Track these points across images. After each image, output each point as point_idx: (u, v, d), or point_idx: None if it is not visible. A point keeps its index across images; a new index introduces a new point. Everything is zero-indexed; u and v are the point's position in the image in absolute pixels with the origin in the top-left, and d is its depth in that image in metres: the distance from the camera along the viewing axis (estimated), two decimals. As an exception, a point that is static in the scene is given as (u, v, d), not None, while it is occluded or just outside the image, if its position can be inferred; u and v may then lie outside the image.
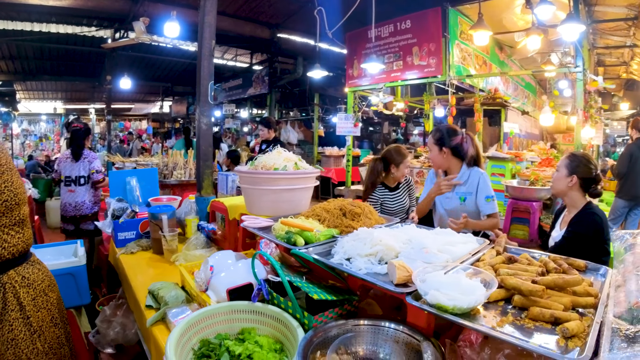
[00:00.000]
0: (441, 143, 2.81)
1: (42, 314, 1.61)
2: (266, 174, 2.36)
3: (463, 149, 2.81)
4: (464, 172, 2.82)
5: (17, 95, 16.06)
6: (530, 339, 0.98)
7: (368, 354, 1.23)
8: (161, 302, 1.85)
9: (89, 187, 4.56)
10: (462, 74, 5.94)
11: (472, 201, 2.78)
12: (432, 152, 2.87)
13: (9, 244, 1.51)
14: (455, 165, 2.85)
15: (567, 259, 1.47)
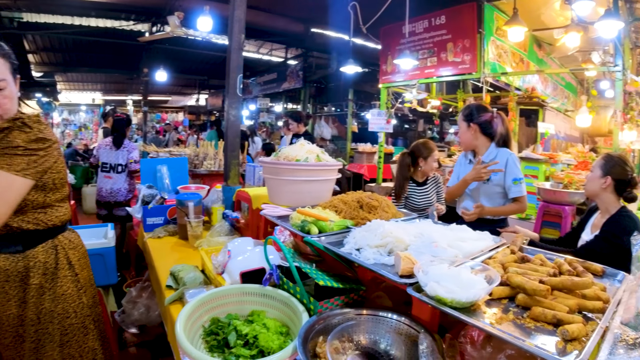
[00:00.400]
0: (469, 119, 2.77)
1: (85, 273, 1.81)
2: (287, 165, 2.39)
3: (492, 126, 2.75)
4: (492, 151, 2.75)
5: (58, 86, 16.80)
6: (527, 339, 0.96)
7: (369, 343, 1.24)
8: (180, 283, 1.93)
9: (125, 175, 4.73)
10: (497, 71, 5.81)
11: (497, 181, 2.70)
12: (460, 128, 2.84)
13: (60, 213, 1.69)
14: (484, 144, 2.79)
15: (584, 262, 1.42)
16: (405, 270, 1.22)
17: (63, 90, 18.49)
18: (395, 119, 13.72)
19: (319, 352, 1.16)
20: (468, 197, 2.86)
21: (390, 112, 7.49)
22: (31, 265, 1.60)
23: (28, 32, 9.71)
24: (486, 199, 2.72)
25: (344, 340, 1.23)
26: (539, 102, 6.86)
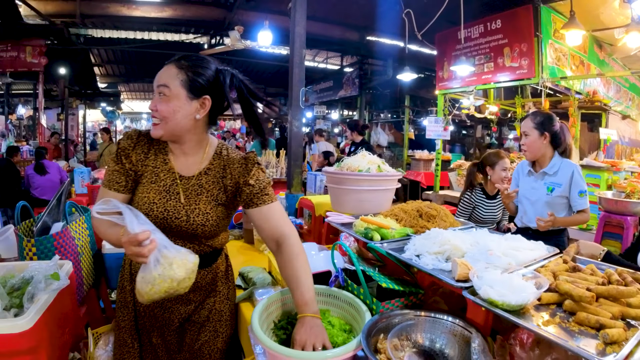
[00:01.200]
0: (543, 127, 2.72)
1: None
2: (350, 175, 2.58)
3: (561, 137, 2.74)
4: (556, 162, 2.73)
5: (121, 95, 18.01)
6: (570, 340, 1.06)
7: (426, 342, 1.38)
8: (249, 283, 2.14)
9: None
10: (556, 75, 5.67)
11: (560, 193, 2.69)
12: (530, 136, 2.75)
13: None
14: (549, 154, 2.77)
15: (635, 273, 1.48)
16: (461, 276, 1.36)
17: (126, 100, 19.79)
18: (453, 126, 13.57)
19: (379, 347, 1.32)
20: (530, 208, 2.86)
21: (448, 119, 7.49)
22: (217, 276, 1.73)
23: (94, 46, 10.55)
24: (549, 210, 2.73)
25: (402, 338, 1.39)
26: (601, 106, 6.58)
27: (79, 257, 2.33)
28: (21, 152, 8.07)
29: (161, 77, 1.48)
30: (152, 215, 1.48)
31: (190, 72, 1.47)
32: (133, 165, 1.53)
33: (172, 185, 1.53)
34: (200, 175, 1.56)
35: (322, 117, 17.05)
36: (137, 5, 8.24)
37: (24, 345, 1.44)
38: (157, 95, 1.47)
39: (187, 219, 1.51)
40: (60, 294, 1.71)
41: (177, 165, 1.56)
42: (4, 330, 1.40)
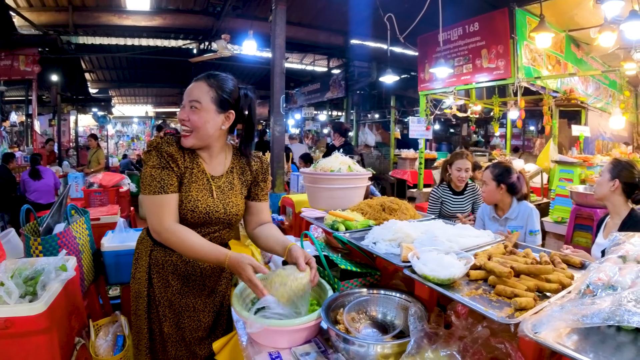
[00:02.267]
0: (500, 179, 2.97)
1: None
2: (323, 175, 2.77)
3: (517, 186, 3.00)
4: (514, 208, 3.01)
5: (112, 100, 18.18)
6: (485, 307, 1.24)
7: (378, 315, 1.60)
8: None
9: None
10: (531, 75, 5.90)
11: (522, 234, 2.95)
12: (488, 186, 3.02)
13: None
14: (508, 201, 3.03)
15: (565, 255, 1.67)
16: (405, 257, 1.56)
17: (117, 104, 19.92)
18: (439, 124, 13.82)
19: (339, 319, 1.53)
20: None
21: (430, 119, 7.71)
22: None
23: (85, 53, 10.73)
24: None
25: (359, 312, 1.60)
26: (579, 103, 6.82)
27: (80, 254, 2.55)
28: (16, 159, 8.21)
29: (193, 92, 1.69)
30: (197, 210, 1.72)
31: (220, 90, 1.71)
32: (179, 168, 1.71)
33: (207, 184, 1.77)
34: (227, 174, 1.83)
35: (311, 118, 17.25)
36: (128, 15, 8.49)
37: (39, 325, 1.66)
38: (189, 107, 1.68)
39: (225, 211, 1.78)
40: (68, 284, 1.94)
41: (207, 167, 1.79)
42: (22, 313, 1.63)
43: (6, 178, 6.56)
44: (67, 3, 8.18)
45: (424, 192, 7.54)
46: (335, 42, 9.63)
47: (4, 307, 1.63)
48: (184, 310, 1.84)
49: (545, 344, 0.99)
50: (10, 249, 2.41)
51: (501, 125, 10.62)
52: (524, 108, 6.14)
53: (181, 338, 1.85)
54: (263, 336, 1.52)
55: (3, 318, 1.61)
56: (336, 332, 1.37)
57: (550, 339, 1.00)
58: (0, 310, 1.62)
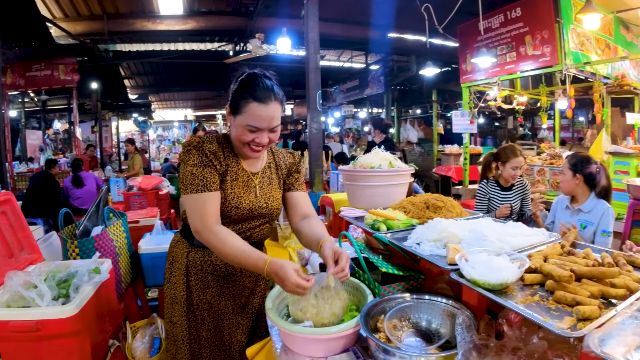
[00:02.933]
0: (575, 169, 2.88)
1: None
2: (362, 172, 2.69)
3: (595, 178, 2.86)
4: (590, 202, 2.87)
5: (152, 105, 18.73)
6: (543, 316, 1.11)
7: (422, 322, 1.49)
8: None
9: None
10: (580, 61, 5.51)
11: (591, 231, 2.82)
12: (565, 175, 2.95)
13: None
14: (584, 193, 2.91)
15: (630, 256, 1.51)
16: (451, 259, 1.45)
17: (157, 109, 20.51)
18: (483, 118, 13.37)
19: (379, 327, 1.43)
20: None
21: (474, 112, 7.43)
22: None
23: (122, 60, 11.06)
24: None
25: (402, 319, 1.50)
26: (631, 89, 6.33)
27: (117, 257, 2.58)
28: (59, 164, 8.58)
29: (274, 118, 1.63)
30: (241, 207, 1.72)
31: (284, 102, 1.71)
32: (221, 165, 1.69)
33: (248, 180, 1.77)
34: (265, 170, 1.84)
35: (351, 116, 17.12)
36: (161, 20, 8.65)
37: (71, 328, 1.68)
38: (269, 132, 1.64)
39: (267, 205, 1.79)
40: (102, 287, 1.96)
41: (245, 165, 1.78)
42: (54, 315, 1.65)
43: (50, 183, 6.82)
44: (102, 12, 8.43)
45: (470, 189, 7.28)
46: (372, 36, 9.42)
47: (36, 309, 1.66)
48: (223, 312, 1.81)
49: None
50: (50, 252, 2.48)
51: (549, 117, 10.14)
52: (573, 97, 5.78)
53: (220, 342, 1.82)
54: (298, 344, 1.46)
55: (34, 320, 1.63)
56: (375, 342, 1.28)
57: (620, 355, 0.87)
58: (32, 313, 1.65)
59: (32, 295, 1.67)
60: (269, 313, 1.51)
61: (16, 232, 2.12)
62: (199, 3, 8.50)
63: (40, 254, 2.24)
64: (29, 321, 1.63)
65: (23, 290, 1.69)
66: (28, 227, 2.22)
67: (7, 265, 1.93)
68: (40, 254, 2.23)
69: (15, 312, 1.66)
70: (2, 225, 2.03)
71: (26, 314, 1.64)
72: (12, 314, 1.65)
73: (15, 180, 8.84)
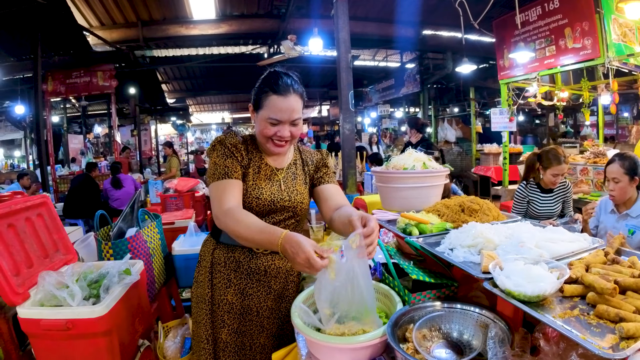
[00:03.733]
0: (634, 172, 2.60)
1: None
2: (395, 173, 2.63)
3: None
4: (638, 205, 2.64)
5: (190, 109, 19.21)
6: (583, 333, 1.03)
7: (454, 333, 1.42)
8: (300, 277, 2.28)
9: None
10: (623, 53, 5.21)
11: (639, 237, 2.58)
12: (621, 182, 2.64)
13: None
14: (634, 195, 2.68)
15: None
16: (486, 268, 1.38)
17: (194, 112, 20.97)
18: (523, 115, 12.94)
19: (408, 337, 1.38)
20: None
21: (513, 109, 7.19)
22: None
23: (159, 65, 11.38)
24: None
25: (432, 329, 1.44)
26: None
27: (151, 258, 2.63)
28: (99, 167, 8.91)
29: (295, 110, 1.67)
30: (262, 198, 1.73)
31: (304, 94, 1.73)
32: (243, 158, 1.75)
33: (272, 175, 1.79)
34: (290, 166, 1.86)
35: (388, 116, 16.95)
36: (195, 25, 8.84)
37: (100, 328, 1.72)
38: (291, 125, 1.68)
39: (289, 198, 1.79)
40: (132, 288, 2.00)
41: (270, 162, 1.81)
42: (84, 315, 1.70)
43: (90, 186, 7.06)
44: (136, 19, 8.69)
45: (510, 189, 7.04)
46: (406, 34, 9.27)
47: (67, 309, 1.71)
48: (246, 313, 1.80)
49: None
50: (88, 253, 2.56)
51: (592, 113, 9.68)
52: (617, 91, 5.49)
53: (241, 346, 1.80)
54: (322, 352, 1.43)
55: (65, 319, 1.68)
56: (402, 354, 1.23)
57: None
58: (63, 312, 1.70)
59: (64, 294, 1.73)
60: (294, 319, 1.49)
61: (52, 234, 2.19)
62: (231, 7, 8.62)
63: (75, 255, 2.30)
64: (59, 320, 1.68)
65: (55, 290, 1.75)
66: (63, 229, 2.29)
67: (42, 265, 1.99)
68: (75, 255, 2.29)
69: (47, 310, 1.72)
70: (38, 227, 2.10)
71: (57, 313, 1.70)
72: (44, 313, 1.71)
73: (57, 182, 9.26)
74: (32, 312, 1.72)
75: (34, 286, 1.84)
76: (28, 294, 1.79)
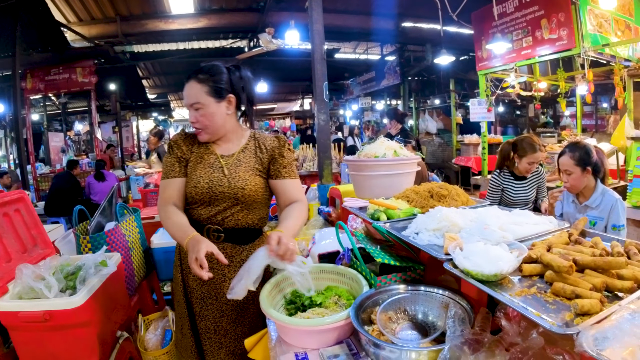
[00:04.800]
0: (584, 163, 2.56)
1: None
2: (367, 162, 2.62)
3: (599, 165, 2.61)
4: (597, 196, 2.60)
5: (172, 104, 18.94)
6: (539, 310, 1.03)
7: (419, 315, 1.42)
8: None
9: None
10: (599, 43, 5.29)
11: (602, 228, 2.57)
12: (573, 174, 2.60)
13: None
14: (591, 184, 2.64)
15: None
16: (447, 249, 1.38)
17: (176, 108, 20.72)
18: (503, 106, 13.05)
19: (373, 319, 1.38)
20: None
21: (491, 99, 7.25)
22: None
23: (139, 61, 11.13)
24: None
25: (397, 311, 1.43)
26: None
27: (130, 251, 2.63)
28: (80, 165, 8.75)
29: (190, 95, 1.76)
30: (199, 186, 1.77)
31: (212, 81, 1.76)
32: (183, 153, 1.84)
33: (215, 162, 1.83)
34: (238, 153, 1.87)
35: (370, 108, 16.96)
36: (174, 19, 8.71)
37: (78, 319, 1.74)
38: (193, 110, 1.77)
39: (229, 184, 1.78)
40: (110, 279, 2.01)
41: (218, 149, 1.86)
42: (61, 306, 1.70)
43: (71, 183, 6.96)
44: (115, 14, 8.51)
45: (490, 178, 7.08)
46: (386, 26, 9.26)
47: (44, 300, 1.71)
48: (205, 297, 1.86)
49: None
50: (68, 250, 2.52)
51: (570, 104, 9.79)
52: (592, 81, 5.56)
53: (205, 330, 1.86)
54: (291, 335, 1.44)
55: (42, 311, 1.69)
56: (365, 336, 1.22)
57: (619, 357, 0.78)
58: (40, 304, 1.70)
59: (41, 286, 1.74)
60: (263, 304, 1.50)
61: (30, 229, 2.19)
62: (210, 1, 8.52)
63: (53, 249, 2.30)
64: (37, 312, 1.69)
65: (33, 282, 1.75)
66: (41, 224, 2.27)
67: (21, 260, 1.98)
68: (53, 250, 2.29)
69: (25, 303, 1.72)
70: (16, 223, 2.10)
71: (35, 305, 1.70)
72: (22, 305, 1.71)
73: (38, 181, 9.06)
74: (10, 305, 1.72)
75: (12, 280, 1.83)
76: (7, 288, 1.80)
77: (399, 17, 9.16)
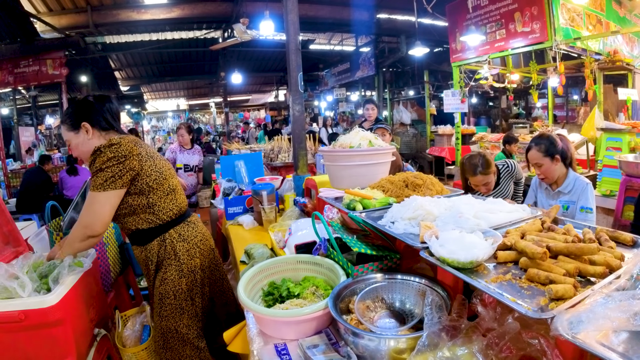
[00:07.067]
0: (551, 152, 2.62)
1: (193, 262, 2.07)
2: (341, 152, 2.59)
3: (565, 151, 2.65)
4: (569, 181, 2.67)
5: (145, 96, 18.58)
6: (514, 296, 1.04)
7: (396, 303, 1.43)
8: (251, 258, 2.26)
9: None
10: (570, 37, 5.42)
11: (574, 211, 2.64)
12: (544, 165, 2.65)
13: (167, 209, 2.02)
14: (563, 171, 2.69)
15: (614, 232, 1.43)
16: (423, 237, 1.38)
17: (150, 100, 20.30)
18: (476, 98, 13.24)
19: (351, 308, 1.37)
20: None
21: (464, 91, 7.34)
22: (149, 255, 2.02)
23: (111, 52, 10.89)
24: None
25: (375, 300, 1.43)
26: (624, 65, 6.21)
27: (105, 247, 2.56)
28: (52, 160, 8.47)
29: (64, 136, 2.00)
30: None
31: (66, 119, 1.96)
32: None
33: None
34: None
35: (344, 99, 16.96)
36: (146, 9, 8.52)
37: (53, 317, 1.69)
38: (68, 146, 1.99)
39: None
40: (85, 276, 1.96)
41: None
42: (36, 305, 1.67)
43: (43, 179, 6.75)
44: (85, 4, 8.27)
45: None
46: (361, 17, 9.26)
47: (18, 300, 1.68)
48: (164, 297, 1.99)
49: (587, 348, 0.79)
50: (42, 247, 2.46)
51: (542, 96, 10.00)
52: (564, 73, 5.69)
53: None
54: (270, 327, 1.43)
55: (17, 311, 1.66)
56: (344, 325, 1.21)
57: (593, 339, 0.79)
58: (14, 303, 1.67)
59: (14, 285, 1.70)
60: (241, 297, 1.48)
61: (1, 227, 2.14)
62: (182, -10, 8.34)
63: (26, 247, 2.25)
64: (12, 312, 1.66)
65: (6, 281, 1.71)
66: (13, 221, 2.22)
67: None
68: (26, 247, 2.24)
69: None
70: None
71: (9, 304, 1.67)
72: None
73: (9, 177, 8.75)
74: (-16, 305, 1.67)
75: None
76: (-21, 288, 1.74)
77: (374, 9, 9.16)
